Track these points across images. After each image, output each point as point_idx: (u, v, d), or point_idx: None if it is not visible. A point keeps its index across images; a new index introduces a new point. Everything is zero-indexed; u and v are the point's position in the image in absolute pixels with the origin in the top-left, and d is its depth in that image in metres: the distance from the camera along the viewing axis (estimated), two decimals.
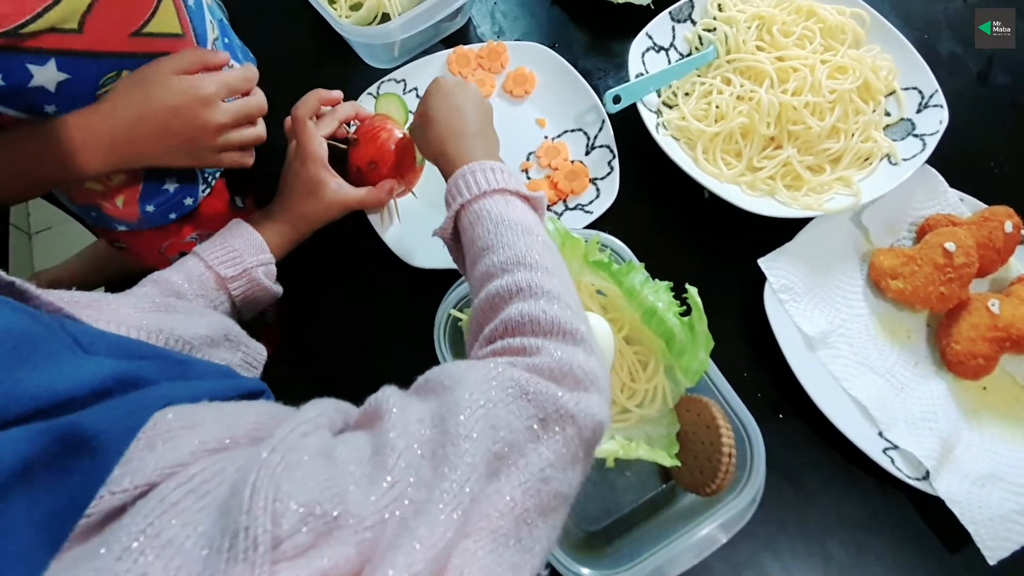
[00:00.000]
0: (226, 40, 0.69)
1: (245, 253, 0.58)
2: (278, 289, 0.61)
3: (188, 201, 0.68)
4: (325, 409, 0.32)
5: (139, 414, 0.28)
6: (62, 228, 1.73)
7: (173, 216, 0.68)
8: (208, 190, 0.71)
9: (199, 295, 0.54)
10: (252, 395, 0.38)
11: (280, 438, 0.27)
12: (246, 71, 0.59)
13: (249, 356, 0.52)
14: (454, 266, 0.66)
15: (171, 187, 0.66)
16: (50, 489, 0.24)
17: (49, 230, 1.78)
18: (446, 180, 0.53)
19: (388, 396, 0.32)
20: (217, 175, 0.72)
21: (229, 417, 0.30)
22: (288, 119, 0.65)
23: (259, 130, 0.61)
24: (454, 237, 0.51)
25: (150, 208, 0.66)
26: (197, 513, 0.24)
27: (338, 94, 0.67)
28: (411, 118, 0.72)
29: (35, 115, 0.52)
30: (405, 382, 0.68)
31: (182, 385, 0.33)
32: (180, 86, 0.54)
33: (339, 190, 0.63)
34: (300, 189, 0.63)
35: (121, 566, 0.22)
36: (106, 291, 0.47)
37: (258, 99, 0.60)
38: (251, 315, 0.60)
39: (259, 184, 0.76)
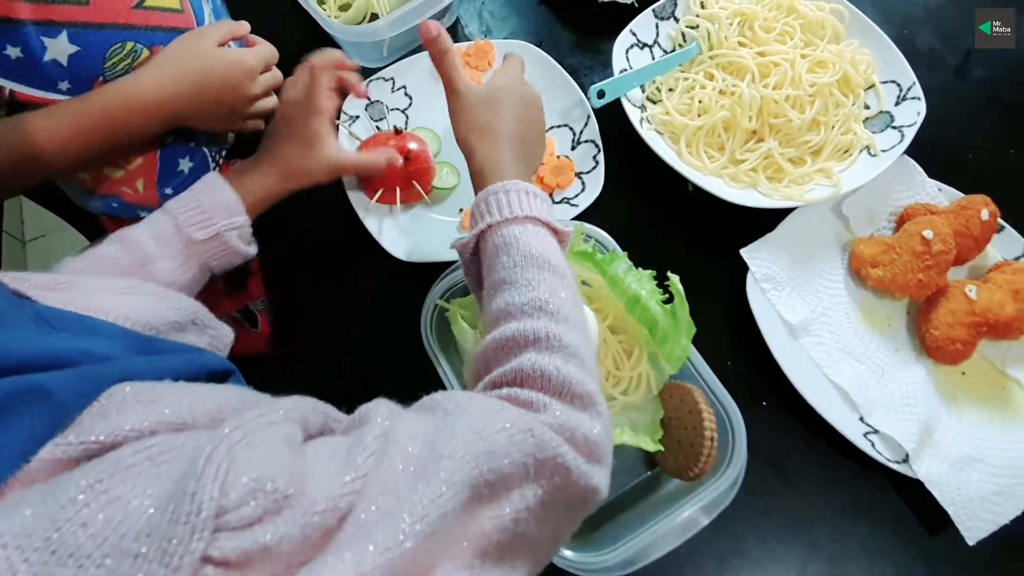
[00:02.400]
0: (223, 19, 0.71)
1: (217, 214, 0.56)
2: (251, 250, 0.59)
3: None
4: (299, 405, 0.32)
5: (96, 381, 0.28)
6: (55, 235, 1.74)
7: None
8: (217, 168, 0.73)
9: (166, 257, 0.53)
10: (219, 375, 0.39)
11: (246, 420, 0.27)
12: (272, 48, 0.65)
13: (216, 339, 0.52)
14: (441, 259, 0.67)
15: (185, 168, 0.68)
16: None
17: (43, 238, 1.79)
18: (472, 175, 0.52)
19: (378, 408, 0.32)
20: (223, 153, 0.74)
21: (191, 397, 0.30)
22: (301, 66, 0.64)
23: (275, 100, 0.65)
24: (472, 252, 0.48)
25: (169, 191, 0.68)
26: (150, 478, 0.24)
27: (355, 63, 0.68)
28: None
29: (49, 92, 0.54)
30: (392, 372, 0.68)
31: (144, 360, 0.34)
32: (230, 58, 0.59)
33: (339, 150, 0.64)
34: (298, 141, 0.62)
35: (62, 513, 0.22)
36: None
37: (277, 73, 0.65)
38: (223, 272, 0.59)
39: None
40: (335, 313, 0.73)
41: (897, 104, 0.74)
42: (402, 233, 0.71)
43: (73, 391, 0.27)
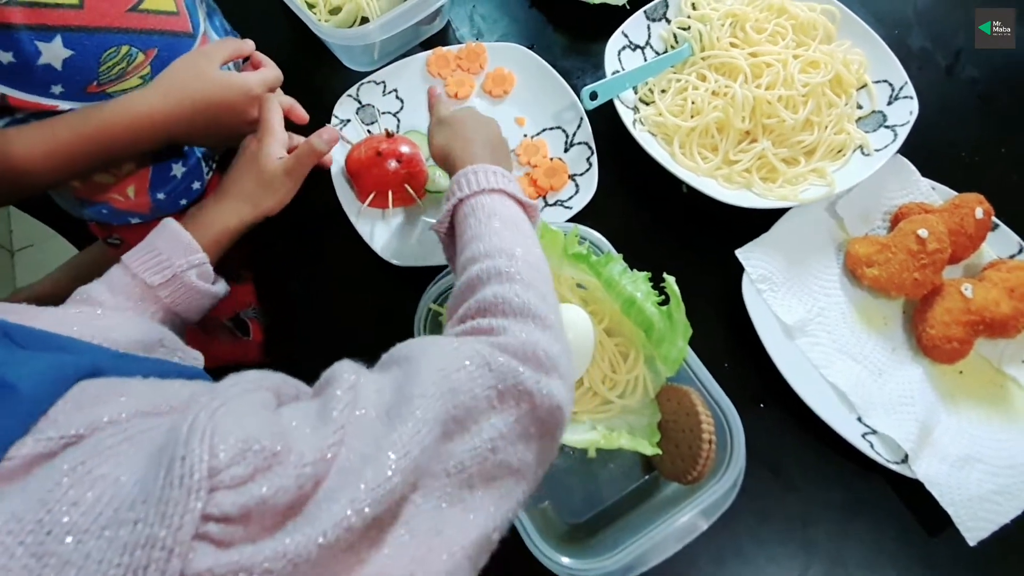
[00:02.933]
0: (216, 22, 0.71)
1: (173, 255, 0.53)
2: (218, 289, 0.57)
3: (196, 185, 0.71)
4: (268, 376, 0.33)
5: (61, 374, 0.28)
6: (44, 245, 1.72)
7: (184, 203, 0.70)
8: (211, 173, 0.73)
9: (126, 308, 0.51)
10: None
11: (222, 389, 0.28)
12: (277, 72, 0.66)
13: (186, 361, 0.51)
14: (434, 264, 0.67)
15: (178, 172, 0.68)
16: None
17: (31, 247, 1.77)
18: (450, 171, 0.55)
19: (342, 370, 0.33)
20: (216, 158, 0.74)
21: (163, 389, 0.31)
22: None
23: None
24: (449, 233, 0.51)
25: (161, 196, 0.68)
26: (131, 456, 0.25)
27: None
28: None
29: (42, 96, 0.54)
30: None
31: (111, 360, 0.34)
32: (232, 82, 0.60)
33: (283, 161, 0.61)
34: (248, 166, 0.61)
35: (50, 495, 0.23)
36: None
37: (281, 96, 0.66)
38: (196, 319, 0.57)
39: None
40: (328, 319, 0.72)
41: (890, 103, 0.74)
42: (395, 237, 0.71)
43: (37, 384, 0.27)
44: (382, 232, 0.71)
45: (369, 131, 0.76)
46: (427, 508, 0.30)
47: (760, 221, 0.70)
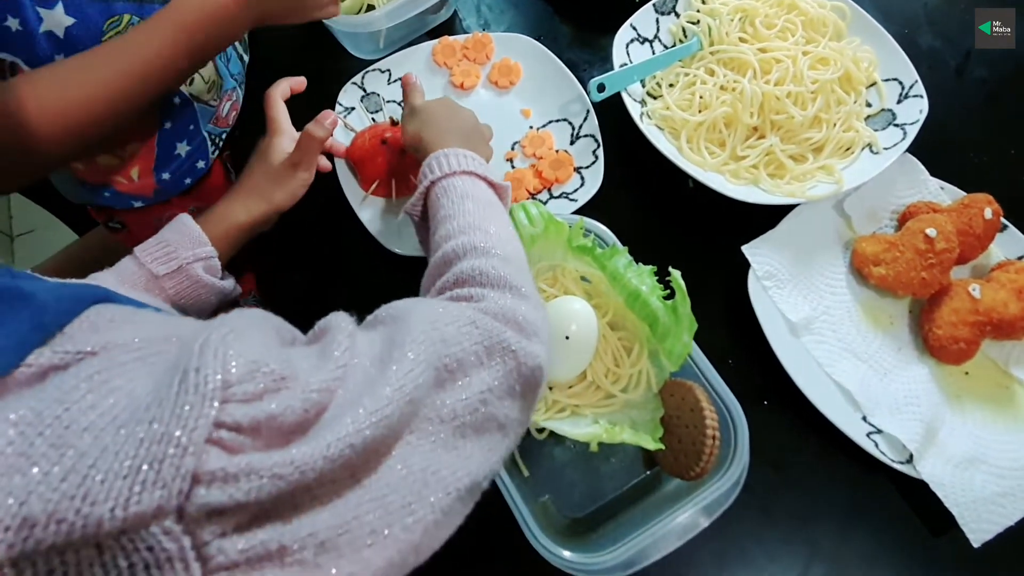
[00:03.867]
0: None
1: (180, 247, 0.55)
2: (225, 285, 0.58)
3: (200, 164, 0.71)
4: (270, 317, 0.35)
5: (76, 292, 0.29)
6: (44, 231, 1.71)
7: (188, 181, 0.70)
8: (217, 152, 0.72)
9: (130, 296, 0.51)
10: None
11: (230, 319, 0.30)
12: None
13: None
14: None
15: (183, 151, 0.68)
16: None
17: (32, 233, 1.76)
18: (422, 158, 0.55)
19: (339, 319, 0.35)
20: (223, 136, 0.73)
21: (173, 323, 0.32)
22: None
23: None
24: (422, 216, 0.53)
25: (166, 176, 0.68)
26: (145, 373, 0.26)
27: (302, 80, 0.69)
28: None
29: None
30: None
31: (126, 298, 0.34)
32: None
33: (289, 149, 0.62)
34: (259, 160, 0.62)
35: (69, 396, 0.24)
36: None
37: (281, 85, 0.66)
38: (203, 314, 0.57)
39: None
40: (330, 308, 0.71)
41: (899, 102, 0.74)
42: (397, 226, 0.70)
43: (52, 296, 0.28)
44: (384, 220, 0.70)
45: (373, 119, 0.75)
46: (422, 449, 0.31)
47: (767, 217, 0.70)
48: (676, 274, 0.56)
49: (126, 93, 0.52)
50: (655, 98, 0.76)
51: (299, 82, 0.67)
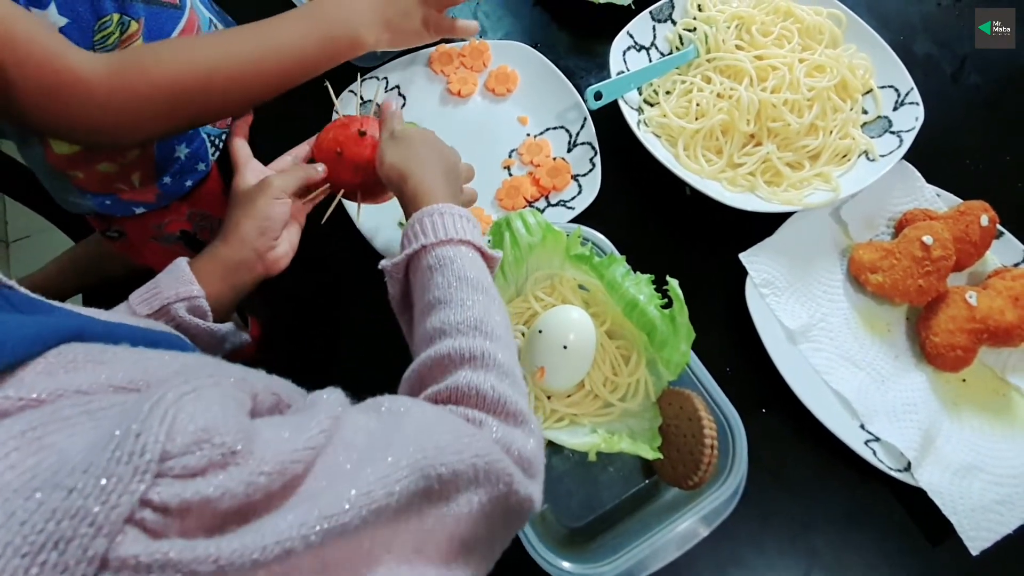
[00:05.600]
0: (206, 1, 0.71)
1: (165, 287, 0.50)
2: (217, 327, 0.52)
3: (201, 166, 0.70)
4: (251, 376, 0.31)
5: (41, 332, 0.27)
6: (40, 236, 1.70)
7: (189, 184, 0.70)
8: (216, 153, 0.72)
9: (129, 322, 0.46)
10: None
11: (197, 378, 0.26)
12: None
13: None
14: None
15: (182, 154, 0.67)
16: None
17: (27, 239, 1.76)
18: (404, 203, 0.52)
19: (331, 400, 0.32)
20: (223, 137, 0.73)
21: (148, 362, 0.29)
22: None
23: None
24: (404, 273, 0.49)
25: (167, 180, 0.68)
26: (88, 430, 0.24)
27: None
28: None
29: None
30: (383, 374, 0.67)
31: (102, 324, 0.32)
32: None
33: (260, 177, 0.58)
34: (233, 200, 0.57)
35: None
36: (84, 297, 0.47)
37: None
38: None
39: None
40: (327, 315, 0.71)
41: (895, 109, 0.74)
42: (396, 234, 0.70)
43: (15, 334, 0.26)
44: (383, 228, 0.70)
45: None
46: (385, 561, 0.28)
47: (764, 225, 0.70)
48: (674, 283, 0.56)
49: (251, 75, 0.54)
50: (652, 105, 0.76)
51: (245, 123, 0.63)
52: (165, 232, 0.74)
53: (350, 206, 0.70)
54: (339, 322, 0.71)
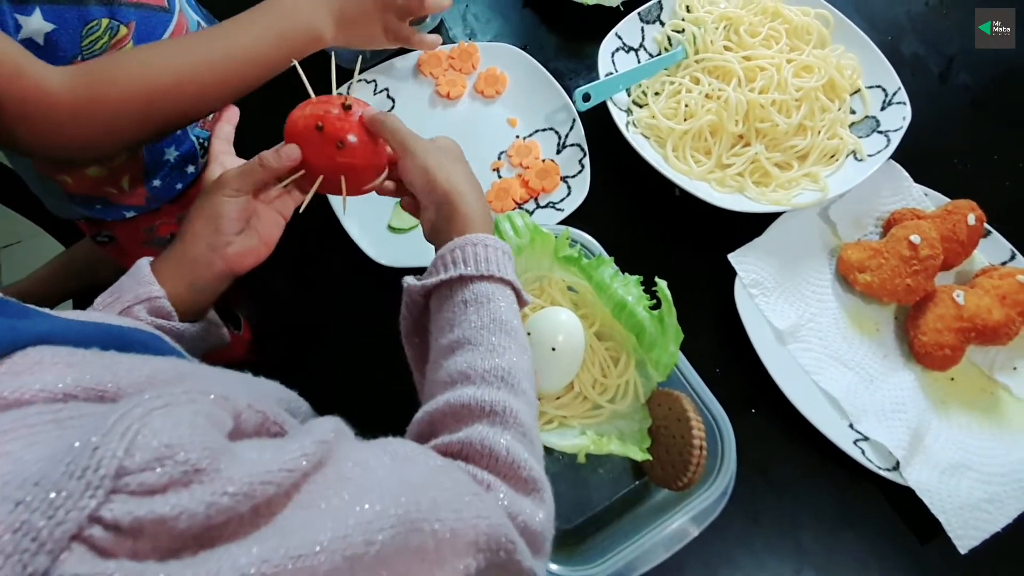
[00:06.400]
0: (193, 2, 0.70)
1: (126, 289, 0.48)
2: (183, 327, 0.49)
3: (191, 169, 0.70)
4: (234, 394, 0.29)
5: (10, 335, 0.27)
6: (31, 242, 1.69)
7: (180, 187, 0.70)
8: (206, 156, 0.71)
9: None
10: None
11: (171, 391, 0.25)
12: None
13: None
14: (422, 265, 0.66)
15: (172, 156, 0.67)
16: None
17: (19, 244, 1.75)
18: (439, 221, 0.47)
19: (327, 422, 0.31)
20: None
21: (118, 366, 0.28)
22: None
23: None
24: (424, 295, 0.45)
25: (157, 183, 0.67)
26: (52, 440, 0.23)
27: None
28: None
29: None
30: (372, 376, 0.67)
31: (79, 324, 0.31)
32: None
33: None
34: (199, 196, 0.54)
35: None
36: (75, 302, 0.46)
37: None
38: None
39: None
40: (315, 318, 0.71)
41: (883, 109, 0.74)
42: (383, 237, 0.70)
43: None
44: (371, 232, 0.70)
45: None
46: None
47: (753, 225, 0.70)
48: (662, 284, 0.56)
49: (211, 80, 0.54)
50: (641, 107, 0.76)
51: (232, 115, 0.60)
52: (156, 235, 0.74)
53: (336, 207, 0.69)
54: (327, 323, 0.70)
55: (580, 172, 0.73)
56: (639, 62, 0.78)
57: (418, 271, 0.64)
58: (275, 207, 0.54)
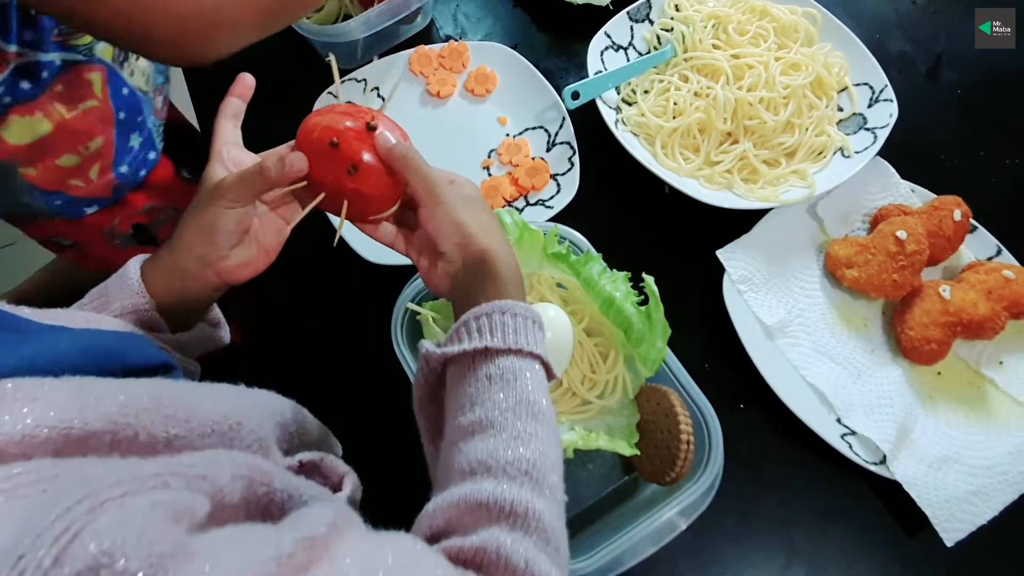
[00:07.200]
0: None
1: (112, 296, 0.45)
2: (174, 337, 0.47)
3: (152, 155, 0.70)
4: (218, 465, 0.26)
5: None
6: (25, 243, 1.69)
7: (143, 173, 0.69)
8: (162, 142, 0.72)
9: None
10: (149, 371, 0.35)
11: (139, 475, 0.23)
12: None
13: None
14: (410, 263, 0.66)
15: (136, 143, 0.67)
16: None
17: (12, 246, 1.74)
18: (466, 278, 0.43)
19: (324, 511, 0.28)
20: (162, 130, 0.72)
21: (87, 395, 0.26)
22: None
23: None
24: (443, 362, 0.41)
25: (124, 169, 0.66)
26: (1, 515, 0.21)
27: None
28: None
29: (9, 43, 0.52)
30: (362, 376, 0.67)
31: (67, 340, 0.30)
32: None
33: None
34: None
35: None
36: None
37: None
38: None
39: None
40: (305, 316, 0.71)
41: (870, 106, 0.75)
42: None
43: None
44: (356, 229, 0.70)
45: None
46: None
47: (741, 222, 0.70)
48: (649, 280, 0.56)
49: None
50: (630, 105, 0.77)
51: (244, 88, 0.52)
52: (118, 232, 0.73)
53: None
54: (317, 320, 0.70)
55: (570, 170, 0.73)
56: (628, 60, 0.78)
57: (406, 268, 0.65)
58: (279, 212, 0.50)
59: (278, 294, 0.72)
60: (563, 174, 0.73)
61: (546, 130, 0.76)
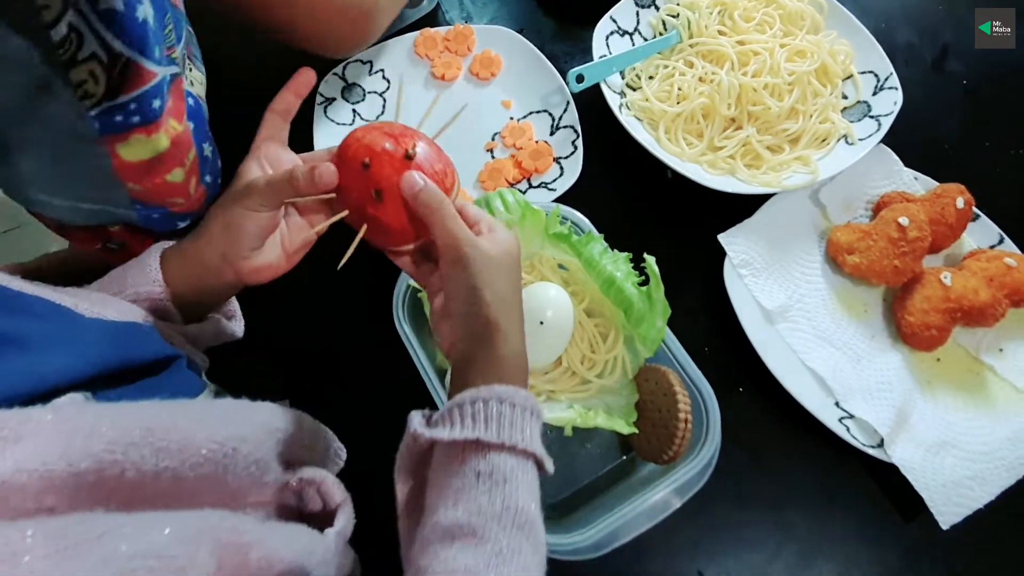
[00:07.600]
0: None
1: (129, 282, 0.45)
2: (188, 328, 0.47)
3: (219, 163, 0.67)
4: (193, 543, 0.26)
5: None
6: (30, 227, 1.69)
7: (220, 181, 0.64)
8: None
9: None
10: (153, 365, 0.35)
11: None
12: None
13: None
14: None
15: (208, 152, 0.62)
16: None
17: (17, 229, 1.75)
18: (468, 350, 0.41)
19: None
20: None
21: (76, 429, 0.25)
22: None
23: None
24: (430, 443, 0.38)
25: (208, 179, 0.62)
26: None
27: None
28: None
29: (154, 63, 0.47)
30: (365, 356, 0.67)
31: (48, 358, 0.29)
32: None
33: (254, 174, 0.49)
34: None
35: None
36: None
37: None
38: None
39: None
40: (306, 296, 0.71)
41: (874, 94, 0.75)
42: None
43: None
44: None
45: (354, 110, 0.75)
46: None
47: (743, 207, 0.71)
48: (650, 260, 0.57)
49: None
50: (634, 89, 0.77)
51: (300, 84, 0.53)
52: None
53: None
54: (318, 300, 0.71)
55: (573, 153, 0.73)
56: (633, 45, 0.78)
57: None
58: (308, 217, 0.49)
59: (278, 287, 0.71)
60: (566, 157, 0.74)
61: (550, 114, 0.76)
